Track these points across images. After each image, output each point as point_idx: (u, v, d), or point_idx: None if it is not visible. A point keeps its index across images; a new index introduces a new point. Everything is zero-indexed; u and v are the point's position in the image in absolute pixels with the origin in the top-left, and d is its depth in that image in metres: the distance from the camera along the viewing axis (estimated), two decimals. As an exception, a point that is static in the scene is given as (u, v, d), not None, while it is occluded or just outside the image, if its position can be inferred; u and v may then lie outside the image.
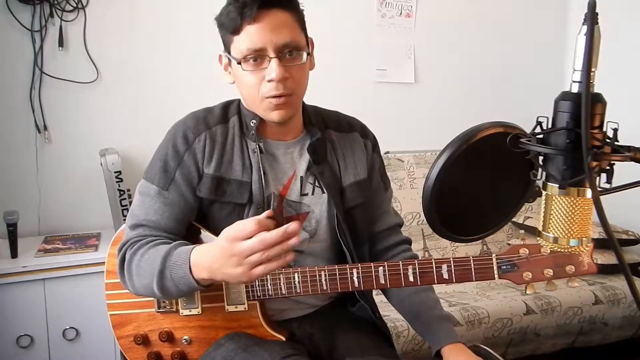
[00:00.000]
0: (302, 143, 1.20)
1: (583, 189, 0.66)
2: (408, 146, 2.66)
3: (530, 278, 1.05)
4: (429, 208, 0.84)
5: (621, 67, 2.54)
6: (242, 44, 1.06)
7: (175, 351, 1.15)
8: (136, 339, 1.16)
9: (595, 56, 0.63)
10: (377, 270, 1.09)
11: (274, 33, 1.05)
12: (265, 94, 1.08)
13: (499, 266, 1.07)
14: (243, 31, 1.05)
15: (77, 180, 2.27)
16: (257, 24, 1.04)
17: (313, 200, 1.19)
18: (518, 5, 2.95)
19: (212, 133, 1.14)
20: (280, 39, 1.05)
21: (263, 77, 1.07)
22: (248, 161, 1.14)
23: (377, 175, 1.29)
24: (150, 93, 2.34)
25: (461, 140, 0.79)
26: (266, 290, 1.12)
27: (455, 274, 1.08)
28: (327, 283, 1.10)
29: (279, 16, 1.06)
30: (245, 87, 1.11)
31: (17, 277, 1.85)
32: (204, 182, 1.12)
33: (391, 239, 1.30)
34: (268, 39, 1.04)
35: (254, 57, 1.06)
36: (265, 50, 1.05)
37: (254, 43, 1.05)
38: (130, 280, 1.10)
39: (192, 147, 1.12)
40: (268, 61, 1.06)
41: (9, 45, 2.14)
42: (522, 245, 1.06)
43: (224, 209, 1.14)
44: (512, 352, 2.08)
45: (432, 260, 1.09)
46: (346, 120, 1.29)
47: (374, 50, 2.71)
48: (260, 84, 1.08)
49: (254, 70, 1.07)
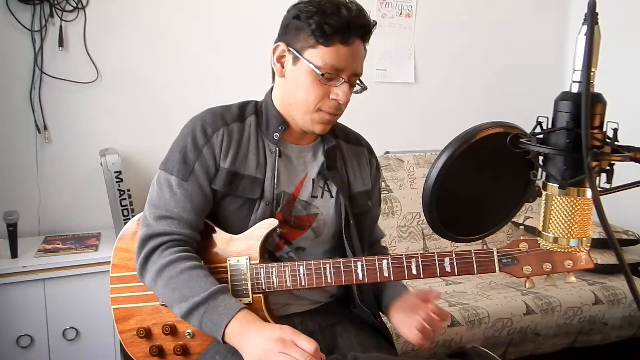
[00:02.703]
0: (315, 148, 1.26)
1: (583, 189, 0.66)
2: (408, 146, 2.66)
3: (530, 272, 1.09)
4: (429, 208, 0.84)
5: (621, 67, 2.54)
6: (327, 57, 1.10)
7: (178, 344, 1.16)
8: (139, 332, 1.17)
9: (595, 56, 0.63)
10: (381, 263, 1.12)
11: (355, 61, 1.13)
12: (324, 109, 1.14)
13: (499, 259, 1.10)
14: (333, 47, 1.10)
15: (77, 180, 2.27)
16: (348, 47, 1.11)
17: (322, 203, 1.23)
18: (518, 6, 2.95)
19: (229, 129, 1.17)
20: (358, 69, 1.15)
21: (328, 93, 1.13)
22: (263, 159, 1.18)
23: (377, 192, 1.38)
24: (150, 93, 2.34)
25: (461, 140, 0.79)
26: (271, 283, 1.14)
27: (457, 267, 1.11)
28: (331, 276, 1.13)
29: (361, 47, 1.15)
30: (304, 93, 1.14)
31: (17, 277, 1.85)
32: (220, 175, 1.15)
33: (373, 247, 1.40)
34: (350, 65, 1.12)
35: (331, 74, 1.11)
36: (342, 72, 1.12)
37: (339, 64, 1.11)
38: (152, 281, 1.11)
39: (210, 141, 1.16)
40: (339, 82, 1.13)
41: (9, 45, 2.14)
42: (522, 240, 1.09)
43: (234, 203, 1.17)
44: (512, 352, 2.08)
45: (434, 254, 1.11)
46: (354, 134, 1.36)
47: (374, 50, 2.70)
48: (322, 98, 1.13)
49: (326, 85, 1.13)
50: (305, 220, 1.22)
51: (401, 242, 2.43)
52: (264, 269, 1.14)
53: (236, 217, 1.16)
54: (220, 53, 2.39)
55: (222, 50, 2.40)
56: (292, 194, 1.21)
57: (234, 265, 1.14)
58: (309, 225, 1.22)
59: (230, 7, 2.40)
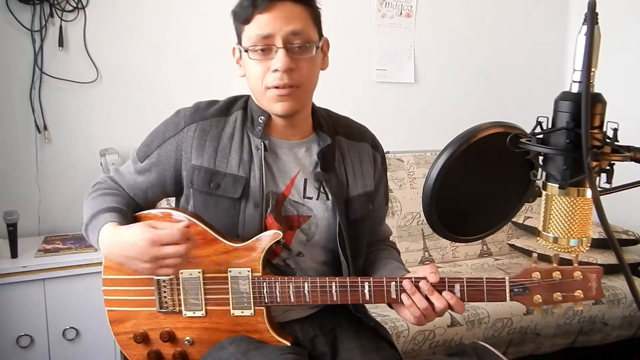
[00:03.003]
0: (308, 145, 1.20)
1: (583, 189, 0.66)
2: (408, 146, 2.66)
3: (540, 302, 1.06)
4: (429, 208, 0.84)
5: (621, 67, 2.54)
6: (251, 32, 1.08)
7: (177, 351, 1.14)
8: (135, 337, 1.15)
9: (595, 56, 0.63)
10: (389, 285, 1.09)
11: (283, 22, 1.06)
12: (269, 84, 1.08)
13: (511, 289, 1.07)
14: (254, 20, 1.07)
15: (77, 180, 2.27)
16: (268, 13, 1.06)
17: (317, 205, 1.18)
18: (518, 5, 2.95)
19: (204, 124, 1.16)
20: (289, 28, 1.06)
21: (269, 68, 1.08)
22: (247, 156, 1.15)
23: (382, 191, 1.31)
24: (150, 93, 2.34)
25: (461, 140, 0.79)
26: (274, 297, 1.11)
27: (467, 294, 1.08)
28: (337, 294, 1.10)
29: (291, 8, 1.07)
30: (251, 78, 1.12)
31: (17, 277, 1.84)
32: (198, 174, 1.14)
33: (379, 243, 1.34)
34: (277, 27, 1.06)
35: (262, 47, 1.07)
36: (272, 38, 1.06)
37: (262, 29, 1.06)
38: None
39: (178, 135, 1.16)
40: (275, 52, 1.06)
41: (9, 45, 2.13)
42: (535, 269, 1.06)
43: (220, 204, 1.14)
44: (512, 352, 2.08)
45: (445, 279, 1.08)
46: (357, 128, 1.29)
47: (374, 50, 2.70)
48: (265, 74, 1.08)
49: (261, 60, 1.08)
50: (295, 221, 1.17)
51: (401, 242, 2.42)
52: (266, 282, 1.11)
53: (223, 218, 1.13)
54: (221, 53, 2.38)
55: (223, 50, 2.39)
56: (281, 193, 1.16)
57: (235, 276, 1.11)
58: (297, 226, 1.17)
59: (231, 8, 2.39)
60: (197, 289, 1.13)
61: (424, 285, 1.07)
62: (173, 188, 1.20)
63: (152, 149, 1.18)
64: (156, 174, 1.19)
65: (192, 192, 1.16)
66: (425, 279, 1.07)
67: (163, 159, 1.17)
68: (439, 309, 1.07)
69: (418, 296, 1.07)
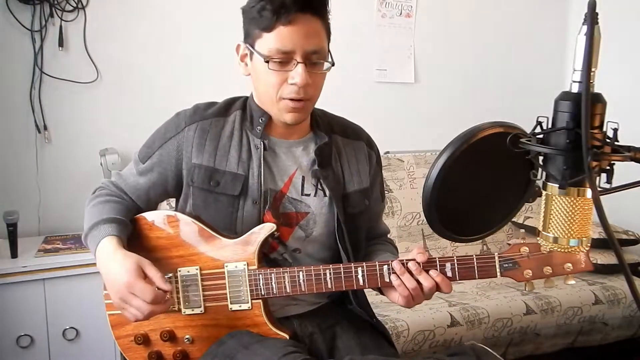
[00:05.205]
0: (306, 144, 1.22)
1: (583, 189, 0.66)
2: (408, 146, 2.66)
3: (531, 275, 1.08)
4: (429, 208, 0.84)
5: (621, 67, 2.54)
6: (271, 43, 1.07)
7: (177, 350, 1.15)
8: (136, 338, 1.16)
9: (595, 56, 0.63)
10: (382, 268, 1.11)
11: (305, 39, 1.06)
12: (285, 96, 1.10)
13: (500, 264, 1.09)
14: (275, 30, 1.06)
15: (77, 180, 2.27)
16: (291, 26, 1.05)
17: (315, 201, 1.20)
18: (518, 6, 2.95)
19: (204, 124, 1.18)
20: (310, 46, 1.07)
21: (286, 79, 1.09)
22: (246, 155, 1.17)
23: (378, 188, 1.33)
24: (150, 93, 2.34)
25: (461, 140, 0.79)
26: (270, 289, 1.12)
27: (458, 272, 1.10)
28: (331, 282, 1.11)
29: (312, 23, 1.08)
30: (263, 85, 1.13)
31: (17, 277, 1.85)
32: (198, 172, 1.16)
33: (376, 239, 1.36)
34: (299, 44, 1.06)
35: (281, 59, 1.08)
36: (293, 54, 1.07)
37: (285, 45, 1.06)
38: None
39: (179, 135, 1.18)
40: (294, 64, 1.08)
41: (9, 45, 2.14)
42: (523, 244, 1.09)
43: (219, 201, 1.16)
44: (512, 352, 2.08)
45: (436, 259, 1.10)
46: (352, 127, 1.31)
47: (374, 50, 2.71)
48: (281, 85, 1.10)
49: (279, 71, 1.09)
50: (293, 217, 1.19)
51: (401, 242, 2.42)
52: (262, 274, 1.12)
53: (223, 215, 1.15)
54: (221, 53, 2.38)
55: (223, 50, 2.39)
56: (280, 191, 1.18)
57: (232, 271, 1.13)
58: (296, 223, 1.19)
59: (231, 8, 2.39)
60: (196, 285, 1.14)
61: (412, 265, 1.09)
62: (174, 188, 1.21)
63: (154, 149, 1.20)
64: (158, 173, 1.20)
65: (192, 190, 1.18)
66: (415, 260, 1.09)
67: (164, 159, 1.19)
68: (426, 288, 1.08)
69: (407, 276, 1.09)
